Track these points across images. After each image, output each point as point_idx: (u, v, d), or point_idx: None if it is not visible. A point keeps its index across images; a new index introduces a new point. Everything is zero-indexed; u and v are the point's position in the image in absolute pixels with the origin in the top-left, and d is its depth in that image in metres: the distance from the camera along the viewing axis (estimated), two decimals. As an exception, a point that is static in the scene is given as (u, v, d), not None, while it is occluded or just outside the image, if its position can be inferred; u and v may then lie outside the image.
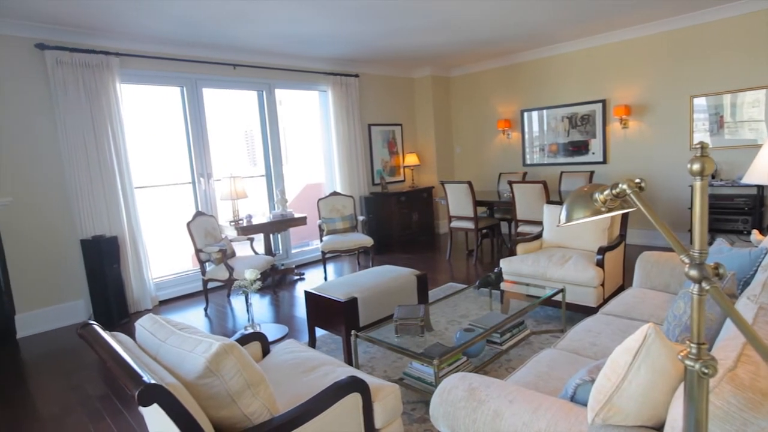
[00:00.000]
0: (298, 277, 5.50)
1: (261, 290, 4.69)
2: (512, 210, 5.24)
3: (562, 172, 6.27)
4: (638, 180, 1.02)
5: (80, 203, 4.27)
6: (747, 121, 5.00)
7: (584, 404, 1.35)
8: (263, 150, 5.95)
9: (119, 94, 4.47)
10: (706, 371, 0.82)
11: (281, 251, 6.03)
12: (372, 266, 4.35)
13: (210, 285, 4.49)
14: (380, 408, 1.74)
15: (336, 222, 5.57)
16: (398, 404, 1.83)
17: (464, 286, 3.79)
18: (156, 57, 4.76)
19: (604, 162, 6.10)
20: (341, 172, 6.46)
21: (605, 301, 3.38)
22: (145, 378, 1.21)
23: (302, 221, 5.27)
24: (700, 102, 5.26)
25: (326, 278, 5.39)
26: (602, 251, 3.40)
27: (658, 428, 1.15)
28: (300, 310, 4.30)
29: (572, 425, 1.27)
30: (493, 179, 7.17)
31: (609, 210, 1.22)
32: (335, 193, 5.84)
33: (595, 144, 6.16)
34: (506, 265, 3.76)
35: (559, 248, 3.86)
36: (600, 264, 3.37)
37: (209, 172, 5.27)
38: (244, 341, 2.18)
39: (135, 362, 1.30)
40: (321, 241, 5.36)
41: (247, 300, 3.52)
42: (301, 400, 1.59)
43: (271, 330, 3.76)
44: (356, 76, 6.56)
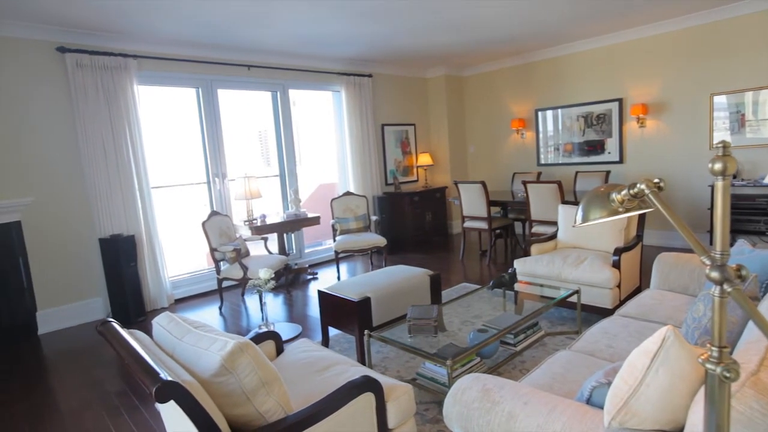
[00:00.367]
0: (312, 277, 5.53)
1: (275, 289, 4.73)
2: (526, 210, 5.19)
3: (577, 172, 6.20)
4: (657, 180, 1.01)
5: (99, 203, 4.35)
6: (769, 120, 4.88)
7: (600, 407, 1.33)
8: (277, 150, 6.00)
9: (137, 96, 4.55)
10: (728, 375, 0.80)
11: (295, 251, 6.07)
12: (385, 266, 4.35)
13: (224, 284, 4.54)
14: (393, 408, 1.74)
15: (349, 222, 5.59)
16: (411, 404, 1.83)
17: (478, 287, 3.77)
18: (172, 59, 4.83)
19: (621, 162, 6.01)
20: (354, 172, 6.48)
21: (621, 303, 3.33)
22: (163, 375, 1.23)
23: (316, 221, 5.29)
24: (721, 100, 5.14)
25: (339, 278, 5.40)
26: (618, 252, 3.35)
27: (677, 433, 1.13)
28: (313, 310, 4.32)
29: (588, 428, 1.25)
30: (507, 179, 7.11)
31: (626, 210, 1.20)
32: (348, 193, 5.86)
33: (611, 143, 6.07)
34: (520, 266, 3.73)
35: (575, 249, 3.82)
36: (616, 265, 3.32)
37: (224, 172, 5.33)
38: (259, 340, 2.20)
39: (152, 360, 1.32)
40: (334, 241, 5.38)
41: (261, 299, 3.55)
42: (315, 399, 1.60)
43: (285, 329, 3.79)
44: (369, 76, 6.57)
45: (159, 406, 1.52)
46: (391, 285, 3.24)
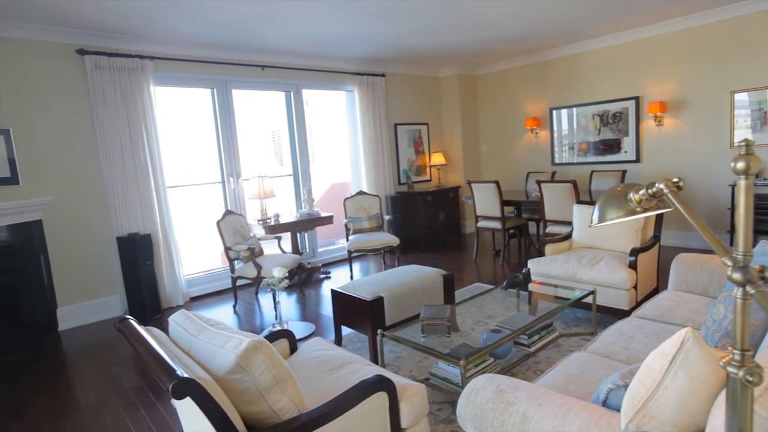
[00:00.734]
0: (325, 276, 5.55)
1: (288, 288, 4.76)
2: (540, 210, 5.14)
3: (593, 172, 6.12)
4: (676, 179, 0.99)
5: (116, 202, 4.43)
6: (792, 117, 4.75)
7: (617, 410, 1.31)
8: (290, 150, 6.04)
9: (153, 97, 4.62)
10: (751, 379, 0.78)
11: (308, 250, 6.10)
12: (398, 266, 4.35)
13: (239, 282, 4.58)
14: (407, 407, 1.74)
15: (362, 221, 5.60)
16: (425, 404, 1.82)
17: (491, 287, 3.75)
18: (188, 60, 4.89)
19: (637, 161, 5.92)
20: (367, 172, 6.49)
21: (638, 304, 3.27)
22: (179, 372, 1.24)
23: (329, 220, 5.32)
24: (742, 97, 5.03)
25: (352, 277, 5.42)
26: (635, 252, 3.30)
27: (697, 437, 1.11)
28: (326, 309, 4.34)
29: (604, 431, 1.24)
30: (521, 179, 7.05)
31: (644, 210, 1.18)
32: (361, 193, 5.87)
33: (628, 142, 5.98)
34: (534, 266, 3.69)
35: (590, 249, 3.77)
36: (633, 266, 3.27)
37: (238, 172, 5.38)
38: (273, 338, 2.21)
39: (169, 357, 1.34)
40: (347, 240, 5.39)
41: (275, 298, 3.57)
42: (328, 398, 1.60)
43: (298, 328, 3.81)
44: (382, 76, 6.57)
45: (175, 403, 1.54)
46: (404, 285, 3.23)
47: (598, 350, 2.09)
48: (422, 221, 6.61)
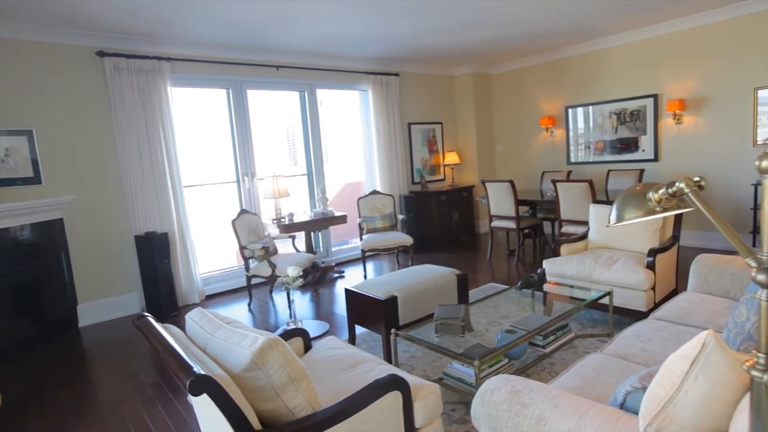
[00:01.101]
0: (338, 275, 5.57)
1: (302, 287, 4.78)
2: (556, 209, 5.08)
3: (610, 171, 6.03)
4: (697, 178, 0.97)
5: (134, 201, 4.51)
6: (818, 115, 4.62)
7: (635, 413, 1.29)
8: (304, 149, 6.07)
9: (170, 97, 4.69)
10: (775, 383, 0.76)
11: (322, 249, 6.13)
12: (411, 265, 4.35)
13: (253, 281, 4.62)
14: (421, 407, 1.74)
15: (376, 221, 5.60)
16: (439, 404, 1.82)
17: (505, 287, 3.72)
18: (204, 61, 4.95)
19: (656, 159, 5.81)
20: (381, 171, 6.49)
21: (656, 306, 3.22)
22: (196, 369, 1.26)
23: (343, 219, 5.33)
24: (766, 94, 4.90)
25: (366, 276, 5.43)
26: (653, 253, 3.24)
27: (718, 442, 1.09)
28: (340, 308, 4.35)
29: (622, 434, 1.22)
30: (536, 178, 6.98)
31: (664, 210, 1.16)
32: (375, 192, 5.87)
33: (646, 141, 5.87)
34: (550, 266, 3.65)
35: (606, 249, 3.71)
36: (651, 266, 3.21)
37: (253, 171, 5.43)
38: (287, 336, 2.23)
39: (186, 354, 1.36)
40: (361, 240, 5.40)
41: (289, 296, 3.60)
42: (342, 396, 1.61)
43: (312, 326, 3.84)
44: (396, 75, 6.56)
45: (192, 399, 1.56)
46: (418, 284, 3.23)
47: (615, 352, 2.06)
48: (436, 221, 6.59)
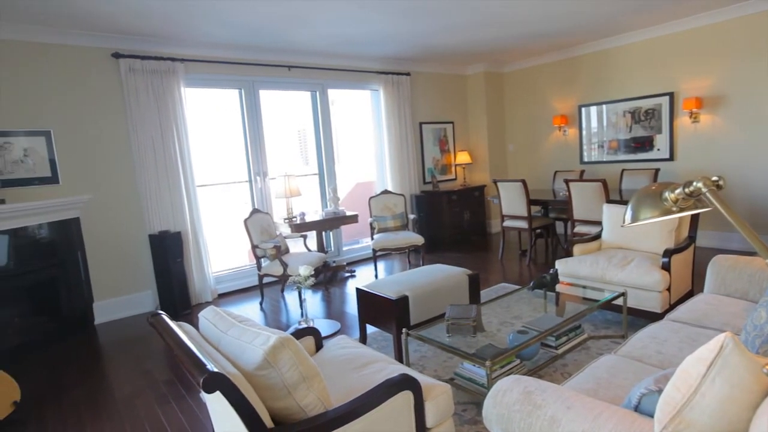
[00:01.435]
0: (349, 274, 5.58)
1: (313, 286, 4.80)
2: (568, 209, 5.03)
3: (624, 170, 5.95)
4: (715, 178, 0.95)
5: (148, 201, 4.57)
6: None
7: (649, 415, 1.27)
8: (316, 149, 6.09)
9: (183, 98, 4.74)
10: (796, 387, 0.74)
11: (333, 248, 6.15)
12: (422, 265, 4.34)
13: (265, 280, 4.65)
14: (432, 407, 1.73)
15: (387, 220, 5.60)
16: (450, 404, 1.81)
17: (517, 287, 3.69)
18: (217, 61, 5.00)
19: (671, 159, 5.72)
20: (392, 171, 6.49)
21: (671, 308, 3.17)
22: (209, 367, 1.27)
23: (354, 219, 5.34)
24: (784, 92, 4.80)
25: (377, 276, 5.43)
26: (668, 254, 3.19)
27: (736, 446, 1.07)
28: (351, 307, 4.36)
29: (637, 437, 1.20)
30: (548, 177, 6.92)
31: (680, 210, 1.14)
32: (386, 192, 5.87)
33: (661, 140, 5.79)
34: (562, 266, 3.62)
35: (620, 250, 3.67)
36: (666, 267, 3.16)
37: (265, 171, 5.47)
38: (299, 335, 2.24)
39: (199, 351, 1.37)
40: (372, 239, 5.41)
41: (301, 295, 3.62)
42: (354, 395, 1.61)
43: (324, 325, 3.85)
44: (408, 75, 6.55)
45: (205, 396, 1.58)
46: (429, 284, 3.22)
47: (630, 353, 2.03)
48: (447, 220, 6.57)
